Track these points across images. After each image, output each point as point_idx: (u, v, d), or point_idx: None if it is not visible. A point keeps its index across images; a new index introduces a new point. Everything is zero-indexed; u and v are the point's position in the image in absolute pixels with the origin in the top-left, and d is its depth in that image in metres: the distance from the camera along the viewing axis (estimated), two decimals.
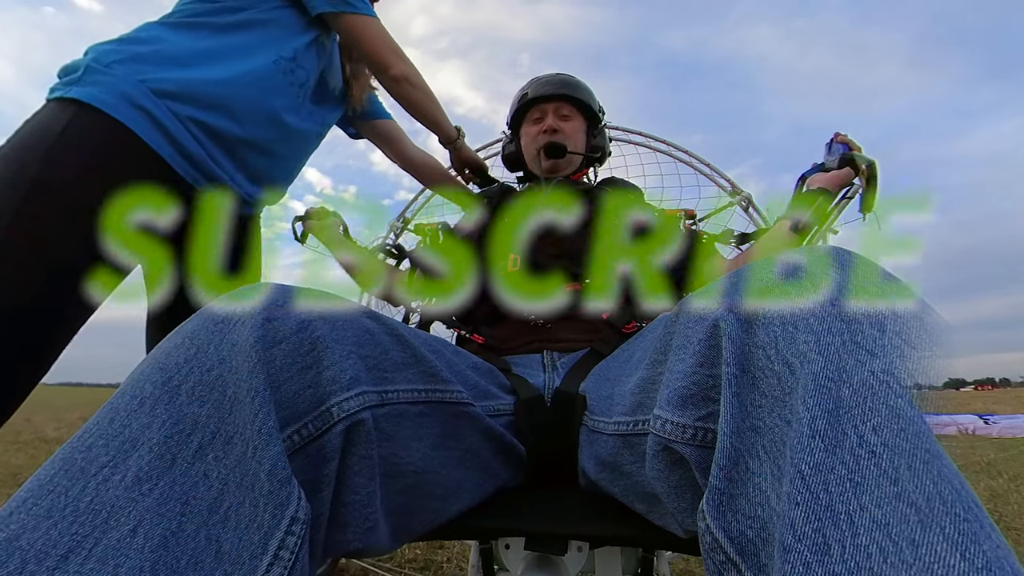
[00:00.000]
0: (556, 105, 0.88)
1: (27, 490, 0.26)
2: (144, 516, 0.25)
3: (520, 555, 0.54)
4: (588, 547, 0.50)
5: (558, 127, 0.85)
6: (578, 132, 0.88)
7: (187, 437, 0.28)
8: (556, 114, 0.87)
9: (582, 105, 0.88)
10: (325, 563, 0.35)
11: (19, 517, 0.24)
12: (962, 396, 16.46)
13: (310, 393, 0.33)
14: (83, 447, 0.27)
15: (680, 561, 1.22)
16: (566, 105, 0.88)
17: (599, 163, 0.94)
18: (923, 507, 0.21)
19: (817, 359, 0.26)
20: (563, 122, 0.87)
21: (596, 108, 0.90)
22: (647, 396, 0.39)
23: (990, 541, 0.21)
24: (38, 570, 0.23)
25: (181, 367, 0.30)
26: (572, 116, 0.88)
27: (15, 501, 0.25)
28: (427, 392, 0.41)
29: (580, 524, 0.44)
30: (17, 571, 0.23)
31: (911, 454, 0.23)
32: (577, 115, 0.88)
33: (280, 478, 0.28)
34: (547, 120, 0.86)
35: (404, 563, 1.27)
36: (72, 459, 0.27)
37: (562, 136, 0.85)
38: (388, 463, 0.37)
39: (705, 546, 0.29)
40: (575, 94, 0.87)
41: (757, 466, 0.28)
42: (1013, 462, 2.77)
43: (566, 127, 0.86)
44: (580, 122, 0.88)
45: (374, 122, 1.03)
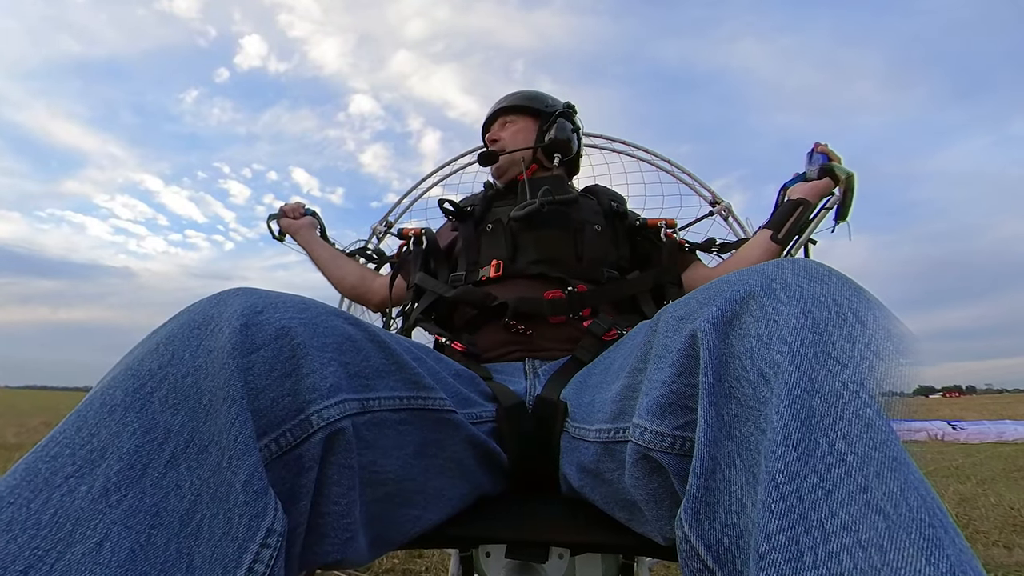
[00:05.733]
0: (500, 120, 0.94)
1: None
2: (111, 528, 0.25)
3: (501, 563, 0.54)
4: (569, 554, 0.50)
5: (497, 137, 0.91)
6: (520, 133, 0.91)
7: (159, 446, 0.27)
8: (500, 127, 0.93)
9: (523, 109, 0.92)
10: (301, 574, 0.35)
11: None
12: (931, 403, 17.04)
13: (289, 401, 0.33)
14: (48, 456, 0.26)
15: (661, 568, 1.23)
16: (508, 115, 0.93)
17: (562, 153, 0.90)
18: (891, 514, 0.22)
19: (790, 370, 0.27)
20: (502, 131, 0.92)
21: (543, 105, 0.92)
22: (627, 404, 0.39)
23: (954, 546, 0.22)
24: None
25: (155, 373, 0.29)
26: (514, 121, 0.92)
27: None
28: (409, 399, 0.40)
29: (561, 531, 0.45)
30: None
31: (880, 462, 0.24)
32: (520, 119, 0.92)
33: (256, 489, 0.28)
34: (491, 134, 0.93)
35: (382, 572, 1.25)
36: (36, 469, 0.26)
37: (500, 144, 0.90)
38: (368, 471, 0.37)
39: (683, 554, 0.29)
40: (513, 103, 0.93)
41: (733, 474, 0.28)
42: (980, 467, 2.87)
43: (504, 134, 0.91)
44: (524, 123, 0.92)
45: None
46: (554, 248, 0.76)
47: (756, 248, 0.80)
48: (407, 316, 0.80)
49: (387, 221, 1.26)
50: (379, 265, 1.08)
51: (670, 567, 1.23)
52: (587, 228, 0.79)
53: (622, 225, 0.85)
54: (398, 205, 1.28)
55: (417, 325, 0.75)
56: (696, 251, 0.89)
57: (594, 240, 0.78)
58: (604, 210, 0.84)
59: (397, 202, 1.28)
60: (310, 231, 1.02)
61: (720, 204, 1.09)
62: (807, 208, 0.77)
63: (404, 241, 0.91)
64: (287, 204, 1.04)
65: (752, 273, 0.33)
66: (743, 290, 0.32)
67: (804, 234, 0.78)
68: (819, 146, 0.80)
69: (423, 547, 0.44)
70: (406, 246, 0.91)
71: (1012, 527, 1.65)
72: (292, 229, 1.02)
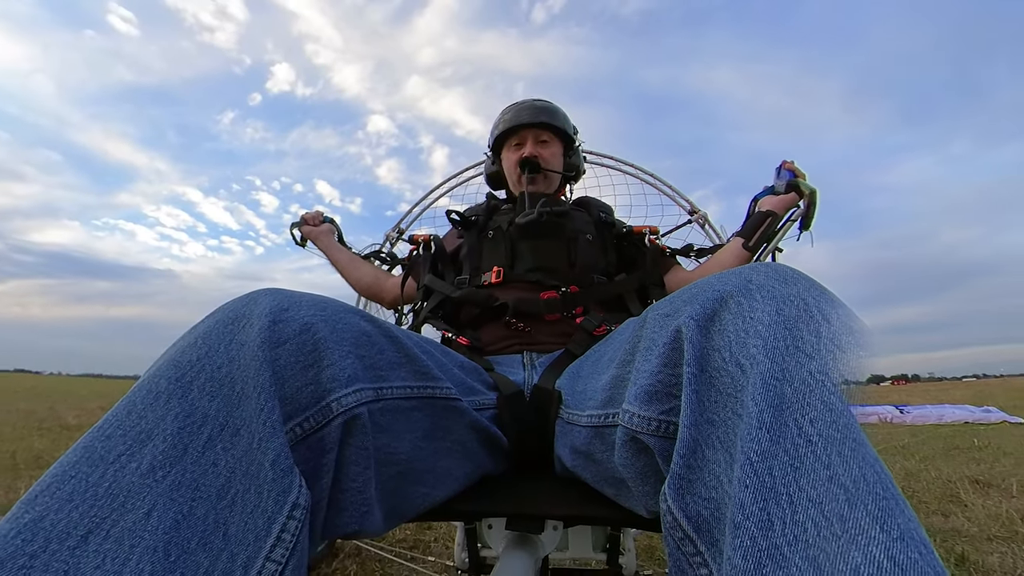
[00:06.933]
0: (536, 132, 0.87)
1: (51, 475, 0.25)
2: (158, 500, 0.25)
3: (501, 534, 0.53)
4: (563, 526, 0.50)
5: (537, 153, 0.84)
6: (556, 156, 0.88)
7: (198, 429, 0.28)
8: (535, 140, 0.86)
9: (558, 131, 0.88)
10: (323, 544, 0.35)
11: (43, 500, 0.24)
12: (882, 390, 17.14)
13: (311, 390, 0.32)
14: (103, 436, 0.27)
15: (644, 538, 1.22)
16: (544, 132, 0.87)
17: (574, 180, 0.94)
18: (851, 488, 0.22)
19: (764, 361, 0.27)
20: (542, 148, 0.86)
21: (571, 131, 0.90)
22: (617, 392, 0.39)
23: (903, 515, 0.22)
24: (60, 549, 0.23)
25: (194, 364, 0.30)
26: (551, 142, 0.88)
27: (39, 486, 0.25)
28: (419, 388, 0.40)
29: (555, 506, 0.44)
30: (41, 550, 0.22)
31: (841, 443, 0.24)
32: (555, 140, 0.88)
33: (283, 467, 0.28)
34: (527, 147, 0.85)
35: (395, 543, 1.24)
36: (93, 447, 0.26)
37: (541, 161, 0.84)
38: (382, 453, 0.36)
39: (666, 525, 0.29)
40: (553, 121, 0.87)
41: (712, 454, 0.28)
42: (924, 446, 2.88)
43: (544, 152, 0.85)
44: (558, 146, 0.89)
45: None
46: (549, 257, 0.75)
47: (729, 254, 0.80)
48: (417, 313, 0.80)
49: (399, 228, 1.26)
50: (392, 267, 1.07)
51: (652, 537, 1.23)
52: (580, 238, 0.78)
53: (610, 233, 0.85)
54: (409, 213, 1.28)
55: (426, 322, 0.74)
56: (676, 256, 0.89)
57: (586, 248, 0.78)
58: (595, 221, 0.84)
59: (408, 211, 1.28)
60: (329, 237, 1.01)
61: (697, 213, 1.08)
62: (775, 219, 0.77)
63: (414, 246, 0.91)
64: (308, 213, 1.03)
65: (731, 275, 0.33)
66: (723, 290, 0.32)
67: (772, 242, 0.78)
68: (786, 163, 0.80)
69: (432, 520, 0.43)
70: (416, 250, 0.90)
71: (949, 498, 1.66)
72: (312, 235, 1.01)
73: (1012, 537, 1.27)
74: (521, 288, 0.72)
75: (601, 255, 0.81)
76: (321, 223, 1.02)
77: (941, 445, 2.89)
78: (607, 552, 0.72)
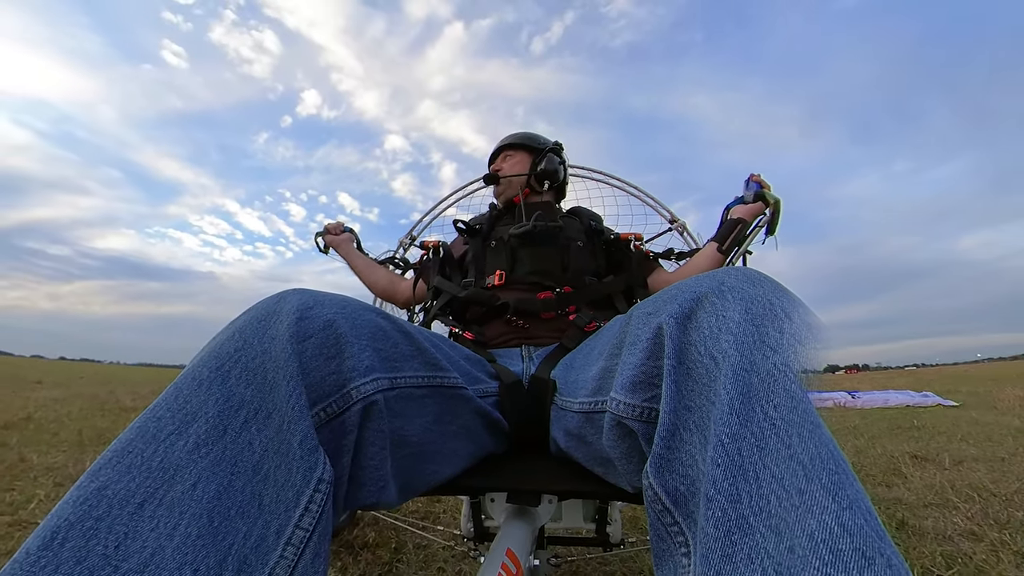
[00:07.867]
0: (504, 153, 0.95)
1: (111, 450, 0.26)
2: (202, 474, 0.26)
3: (503, 507, 0.54)
4: (557, 500, 0.50)
5: (499, 167, 0.93)
6: (516, 165, 0.91)
7: (235, 412, 0.28)
8: (502, 159, 0.94)
9: (520, 146, 0.93)
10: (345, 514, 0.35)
11: (106, 472, 0.25)
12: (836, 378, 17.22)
13: (334, 379, 0.33)
14: (154, 417, 0.27)
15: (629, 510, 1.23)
16: (507, 151, 0.94)
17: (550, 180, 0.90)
18: (808, 464, 0.23)
19: (735, 354, 0.27)
20: (504, 163, 0.93)
21: (536, 144, 0.93)
22: (605, 382, 0.39)
23: (853, 487, 0.23)
24: (120, 514, 0.23)
25: (231, 355, 0.30)
26: (513, 155, 0.93)
27: (103, 459, 0.26)
28: (429, 378, 0.41)
29: (551, 482, 0.45)
30: (105, 514, 0.23)
31: (800, 425, 0.24)
32: (517, 153, 0.93)
33: (309, 447, 0.28)
34: (494, 166, 0.95)
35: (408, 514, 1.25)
36: (146, 427, 0.27)
37: (501, 172, 0.92)
38: (396, 435, 0.37)
39: (648, 499, 0.30)
40: (513, 141, 0.94)
41: (689, 437, 0.29)
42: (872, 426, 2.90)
43: (505, 166, 0.92)
44: (520, 156, 0.93)
45: None
46: (545, 262, 0.76)
47: (705, 257, 0.80)
48: (427, 311, 0.80)
49: (411, 235, 1.25)
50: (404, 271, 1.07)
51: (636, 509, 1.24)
52: (572, 245, 0.79)
53: (600, 240, 0.85)
54: (420, 222, 1.28)
55: (435, 319, 0.75)
56: (659, 259, 0.89)
57: (578, 254, 0.79)
58: (585, 229, 0.84)
59: (419, 220, 1.28)
60: (348, 244, 1.02)
61: (677, 222, 1.09)
62: (744, 226, 0.77)
63: (425, 251, 0.91)
64: (330, 223, 1.04)
65: (706, 278, 0.34)
66: (699, 291, 0.32)
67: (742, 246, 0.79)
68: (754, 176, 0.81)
69: (441, 494, 0.44)
70: (427, 255, 0.91)
71: (892, 471, 1.68)
72: (334, 243, 1.01)
73: (944, 504, 1.28)
74: (520, 289, 0.73)
75: (591, 259, 0.81)
76: (342, 232, 1.03)
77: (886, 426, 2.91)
78: (596, 522, 0.72)
